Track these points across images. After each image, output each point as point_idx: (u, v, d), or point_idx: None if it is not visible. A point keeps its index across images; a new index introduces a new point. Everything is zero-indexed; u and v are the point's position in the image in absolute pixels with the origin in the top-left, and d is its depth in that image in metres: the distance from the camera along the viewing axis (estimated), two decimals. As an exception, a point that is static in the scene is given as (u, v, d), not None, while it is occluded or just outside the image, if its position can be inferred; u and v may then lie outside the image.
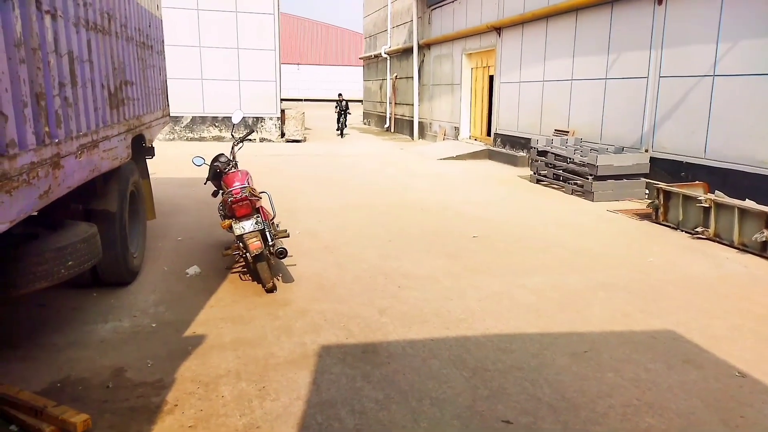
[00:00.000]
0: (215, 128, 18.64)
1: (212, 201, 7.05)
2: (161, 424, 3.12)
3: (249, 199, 5.03)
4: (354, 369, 3.78)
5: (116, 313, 4.63)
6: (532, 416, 3.22)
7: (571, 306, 4.90)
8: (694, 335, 4.32)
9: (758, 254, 6.40)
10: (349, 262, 6.00)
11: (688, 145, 9.11)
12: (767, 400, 3.43)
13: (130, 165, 5.53)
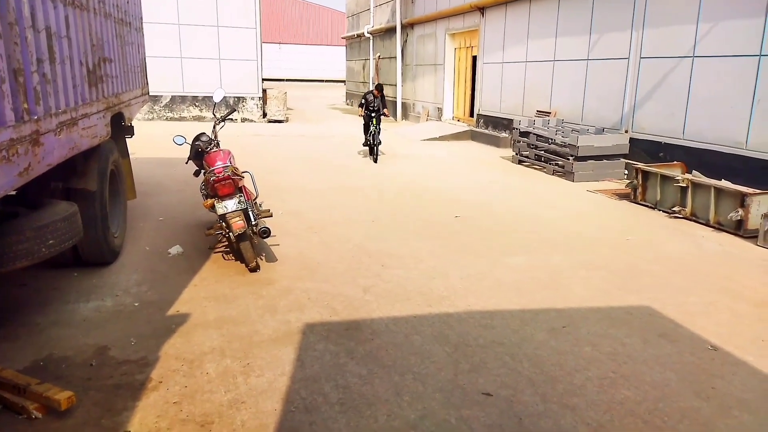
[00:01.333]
0: (195, 108, 18.39)
1: (194, 181, 7.00)
2: (146, 401, 3.14)
3: (232, 178, 5.00)
4: (338, 345, 3.83)
5: (98, 292, 4.61)
6: (511, 389, 3.30)
7: (551, 284, 4.99)
8: (669, 311, 4.44)
9: (733, 233, 6.56)
10: (333, 242, 6.02)
11: (667, 125, 9.24)
12: (737, 372, 3.56)
13: (110, 144, 5.47)
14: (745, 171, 7.76)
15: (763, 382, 3.45)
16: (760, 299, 4.72)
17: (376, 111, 11.41)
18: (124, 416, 3.00)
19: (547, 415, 3.08)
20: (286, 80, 46.34)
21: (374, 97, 11.41)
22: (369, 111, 11.46)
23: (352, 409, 3.12)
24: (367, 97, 11.46)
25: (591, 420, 3.04)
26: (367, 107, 11.49)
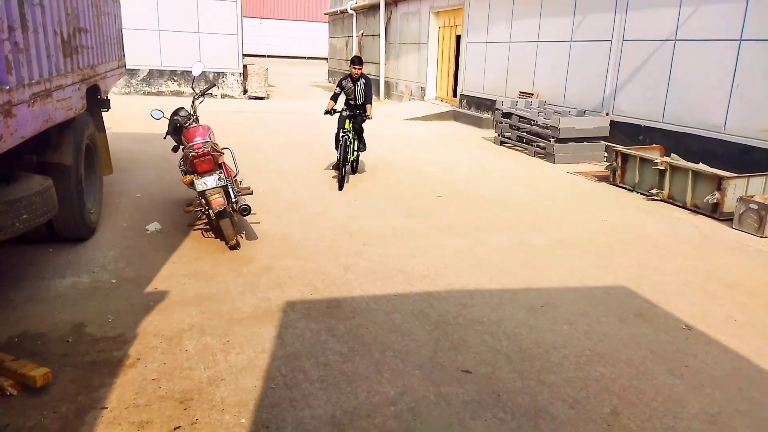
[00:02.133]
0: (174, 82, 18.01)
1: (172, 157, 6.88)
2: (123, 378, 3.11)
3: (211, 154, 4.92)
4: (318, 323, 3.83)
5: (74, 268, 4.53)
6: (490, 366, 3.35)
7: (531, 263, 5.04)
8: (645, 291, 4.52)
9: (709, 215, 6.68)
10: (314, 220, 5.99)
11: (647, 109, 9.31)
12: (710, 351, 3.65)
13: (85, 117, 5.33)
14: (723, 155, 7.88)
15: (734, 361, 3.54)
16: (733, 280, 4.82)
17: (356, 107, 7.61)
18: (101, 393, 2.97)
19: (525, 392, 3.13)
20: (267, 56, 45.58)
21: (353, 82, 7.53)
22: (345, 106, 7.63)
23: (333, 386, 3.13)
24: (343, 84, 7.57)
25: (567, 396, 3.10)
26: (344, 101, 7.70)
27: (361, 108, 7.60)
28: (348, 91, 7.59)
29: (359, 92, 7.57)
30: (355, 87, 7.54)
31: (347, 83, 7.54)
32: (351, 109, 7.58)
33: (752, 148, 7.53)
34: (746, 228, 6.15)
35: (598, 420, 2.91)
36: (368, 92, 7.59)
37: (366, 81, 7.56)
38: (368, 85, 7.58)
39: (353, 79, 7.54)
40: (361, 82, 7.55)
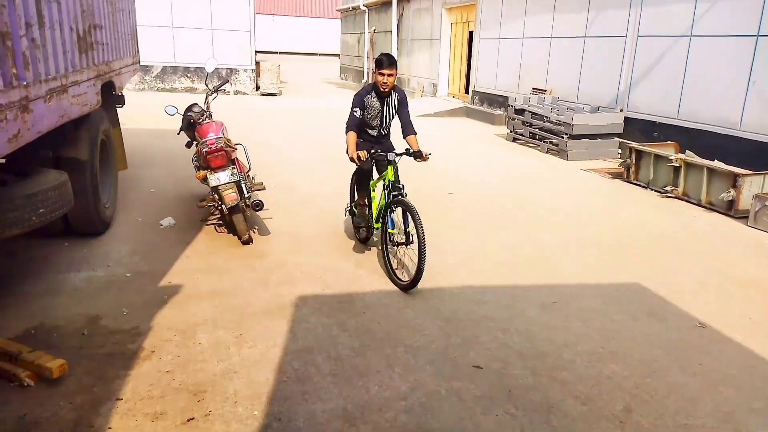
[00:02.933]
0: (187, 79, 18.12)
1: (186, 153, 6.92)
2: (138, 370, 3.15)
3: (224, 150, 4.95)
4: (330, 318, 3.85)
5: (89, 262, 4.59)
6: (502, 362, 3.34)
7: (543, 261, 5.02)
8: (659, 289, 4.49)
9: (724, 213, 6.61)
10: (326, 216, 6.00)
11: (662, 105, 9.22)
12: (724, 349, 3.62)
13: (100, 112, 5.38)
14: (739, 152, 7.78)
15: (748, 359, 3.50)
16: (748, 279, 4.77)
17: (384, 138, 4.87)
18: (116, 384, 3.00)
19: (536, 388, 3.12)
20: (280, 53, 45.69)
21: (380, 99, 4.64)
22: (372, 139, 4.82)
23: (345, 380, 3.15)
24: (366, 102, 4.64)
25: (579, 393, 3.09)
26: (366, 129, 4.79)
27: (385, 139, 4.85)
28: (371, 114, 4.65)
29: (389, 115, 4.70)
30: (384, 107, 4.63)
31: (371, 100, 4.58)
32: (376, 142, 4.76)
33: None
34: (762, 226, 6.07)
35: (610, 417, 2.90)
36: (406, 114, 4.71)
37: (401, 96, 4.68)
38: (404, 103, 4.71)
39: (380, 93, 4.55)
40: (393, 99, 4.64)
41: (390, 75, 4.46)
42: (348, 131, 4.56)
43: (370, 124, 4.75)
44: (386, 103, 4.66)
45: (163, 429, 2.68)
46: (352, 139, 4.52)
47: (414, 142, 4.62)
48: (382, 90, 4.53)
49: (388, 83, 4.49)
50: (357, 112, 4.57)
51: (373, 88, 4.63)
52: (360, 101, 4.61)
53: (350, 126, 4.57)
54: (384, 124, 4.78)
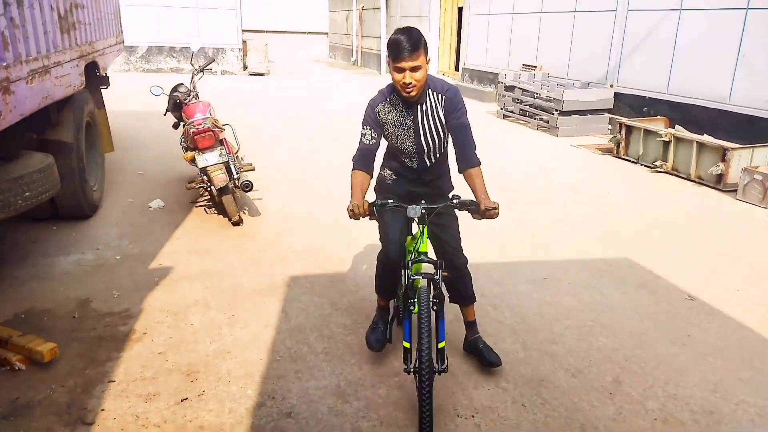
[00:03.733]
0: (173, 59, 17.85)
1: (173, 134, 6.85)
2: (130, 351, 3.15)
3: (212, 130, 4.90)
4: (322, 297, 3.85)
5: (78, 245, 4.55)
6: (493, 338, 3.36)
7: (533, 237, 5.04)
8: (648, 263, 4.52)
9: (713, 187, 6.65)
10: (317, 196, 5.98)
11: (652, 80, 9.20)
12: (713, 321, 3.66)
13: (85, 94, 5.30)
14: (728, 125, 7.80)
15: (737, 330, 3.55)
16: (737, 251, 4.82)
17: (426, 173, 2.92)
18: (108, 367, 3.00)
19: (527, 362, 3.15)
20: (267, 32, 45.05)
21: (406, 108, 2.72)
22: (411, 176, 2.92)
23: (337, 357, 3.16)
24: (380, 117, 2.76)
25: (569, 366, 3.12)
26: (402, 159, 2.89)
27: (435, 176, 2.97)
28: (398, 134, 2.80)
29: (432, 133, 2.78)
30: (419, 120, 2.75)
31: (390, 112, 2.78)
32: (418, 181, 2.95)
33: (758, 119, 7.45)
34: (750, 199, 6.12)
35: (600, 388, 2.94)
36: (461, 130, 2.74)
37: (449, 99, 2.73)
38: (456, 110, 2.73)
39: (405, 101, 2.72)
40: (433, 106, 2.74)
41: (414, 69, 2.51)
42: (354, 168, 2.76)
43: (404, 150, 2.82)
44: (422, 113, 2.72)
45: (157, 410, 2.69)
46: (356, 181, 2.71)
47: (476, 183, 2.67)
48: (406, 96, 2.62)
49: (414, 84, 2.54)
50: (367, 134, 2.74)
51: (391, 93, 2.74)
52: (371, 115, 2.75)
53: (357, 158, 2.76)
54: (428, 149, 2.80)
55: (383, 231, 2.90)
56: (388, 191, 2.94)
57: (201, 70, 6.11)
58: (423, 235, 2.70)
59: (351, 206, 2.59)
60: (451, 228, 2.92)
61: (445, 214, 2.81)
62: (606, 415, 2.73)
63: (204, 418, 2.65)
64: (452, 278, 2.89)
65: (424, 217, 2.63)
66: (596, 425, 2.66)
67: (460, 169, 2.74)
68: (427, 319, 2.46)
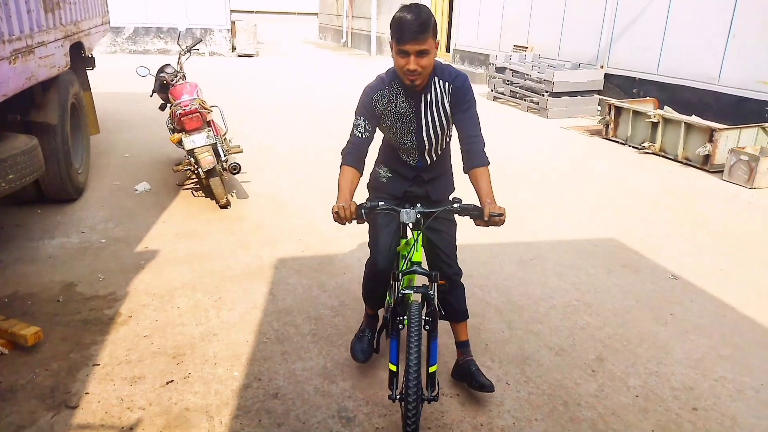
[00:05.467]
0: (160, 40, 17.60)
1: (160, 116, 6.78)
2: (115, 335, 3.14)
3: (199, 111, 4.85)
4: (310, 279, 3.85)
5: (63, 229, 4.52)
6: (479, 317, 3.39)
7: (521, 218, 5.05)
8: (634, 243, 4.55)
9: (700, 167, 6.68)
10: (306, 179, 5.96)
11: (642, 61, 9.18)
12: (695, 299, 3.70)
13: (70, 75, 5.22)
14: (717, 106, 7.81)
15: (719, 309, 3.60)
16: (722, 231, 4.86)
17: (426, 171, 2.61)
18: (93, 350, 3.00)
19: (512, 341, 3.18)
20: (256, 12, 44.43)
21: (407, 97, 2.41)
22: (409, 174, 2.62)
23: (324, 339, 3.17)
24: (376, 107, 2.44)
25: (553, 344, 3.16)
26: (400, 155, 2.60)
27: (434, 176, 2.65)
28: (397, 128, 2.50)
29: (435, 127, 2.47)
30: (422, 112, 2.44)
31: (390, 102, 2.44)
32: (417, 180, 2.65)
33: (746, 100, 7.47)
34: (736, 179, 6.16)
35: (583, 366, 2.97)
36: (468, 123, 2.43)
37: (456, 90, 2.40)
38: (464, 102, 2.42)
39: (408, 89, 2.39)
40: (437, 96, 2.42)
41: (421, 53, 2.21)
42: (343, 163, 2.46)
43: (402, 145, 2.54)
44: (425, 104, 2.42)
45: (142, 392, 2.69)
46: (344, 179, 2.41)
47: (482, 185, 2.38)
48: (409, 84, 2.31)
49: (420, 71, 2.25)
50: (360, 125, 2.45)
51: (392, 80, 2.43)
52: (367, 104, 2.44)
53: (347, 152, 2.47)
54: (429, 146, 2.52)
55: (373, 236, 2.63)
56: (382, 190, 2.66)
57: (188, 50, 6.03)
58: (417, 242, 2.41)
59: (336, 207, 2.24)
60: (448, 235, 2.61)
61: (444, 218, 2.51)
62: (588, 392, 2.77)
63: (190, 400, 2.66)
64: (443, 291, 2.63)
65: (419, 222, 2.32)
66: (579, 402, 2.70)
67: (466, 168, 2.43)
68: (417, 342, 2.13)
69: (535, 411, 2.64)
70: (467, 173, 2.44)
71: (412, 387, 2.09)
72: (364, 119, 2.44)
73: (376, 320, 2.92)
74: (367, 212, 2.29)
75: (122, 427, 2.48)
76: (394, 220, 2.43)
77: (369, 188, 2.77)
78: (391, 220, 2.51)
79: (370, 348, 2.85)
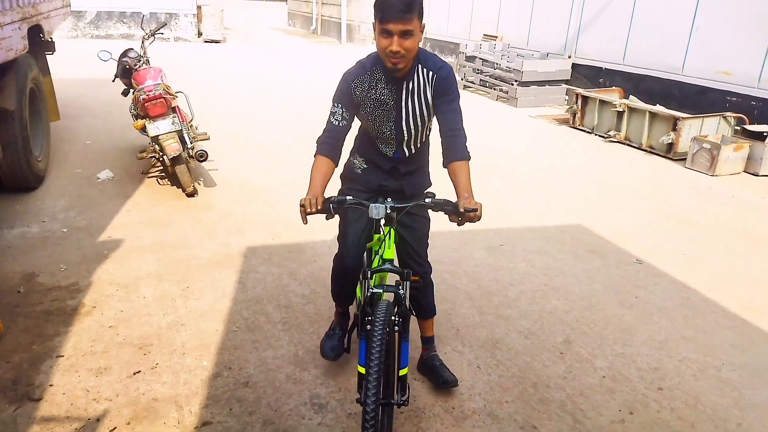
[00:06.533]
0: (123, 25, 17.10)
1: (123, 102, 6.61)
2: (79, 326, 3.06)
3: (164, 97, 4.72)
4: (280, 268, 3.82)
5: (23, 218, 4.37)
6: (450, 303, 3.41)
7: (491, 206, 5.06)
8: (600, 229, 4.64)
9: (663, 155, 6.84)
10: (275, 167, 5.88)
11: (609, 51, 9.32)
12: (659, 283, 3.80)
13: (28, 59, 5.03)
14: (680, 96, 8.00)
15: (682, 291, 3.70)
16: (684, 217, 4.99)
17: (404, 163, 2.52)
18: (56, 342, 2.91)
19: (483, 326, 3.21)
20: (223, -1, 43.50)
21: (388, 84, 2.29)
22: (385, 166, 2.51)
23: (295, 327, 3.15)
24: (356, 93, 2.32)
25: (523, 328, 3.20)
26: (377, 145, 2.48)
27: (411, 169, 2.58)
28: (376, 116, 2.38)
29: (414, 117, 2.38)
30: (402, 101, 2.34)
31: (370, 89, 2.33)
32: (392, 172, 2.54)
33: (709, 90, 7.66)
34: (698, 167, 6.32)
35: (551, 349, 3.02)
36: (450, 116, 2.38)
37: (440, 80, 2.32)
38: (448, 94, 2.35)
39: (389, 76, 2.28)
40: (420, 85, 2.32)
41: (405, 34, 2.10)
42: (317, 152, 2.37)
43: (380, 134, 2.43)
44: (407, 92, 2.32)
45: (108, 383, 2.63)
46: (317, 170, 2.31)
47: (461, 179, 2.30)
48: (392, 67, 2.18)
49: (403, 53, 2.12)
50: (338, 113, 2.34)
51: (373, 66, 2.32)
52: (345, 91, 2.33)
53: (323, 141, 2.37)
54: (408, 136, 2.43)
55: (342, 230, 2.54)
56: (356, 182, 2.55)
57: (152, 34, 5.88)
58: (390, 238, 2.30)
59: (303, 200, 2.16)
60: (420, 231, 2.54)
61: (416, 214, 2.47)
62: (557, 374, 2.82)
63: (158, 391, 2.61)
64: (415, 287, 2.52)
65: (391, 218, 2.22)
66: (547, 383, 2.74)
67: (446, 161, 2.32)
68: (380, 341, 1.94)
69: (505, 393, 2.67)
70: (446, 167, 2.33)
71: (371, 390, 1.88)
72: (341, 106, 2.32)
73: (347, 318, 2.82)
74: (335, 207, 2.19)
75: (88, 418, 2.42)
76: (364, 214, 2.22)
77: (342, 179, 2.64)
78: (361, 214, 2.37)
79: (340, 346, 2.72)
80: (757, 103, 7.03)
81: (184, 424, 2.41)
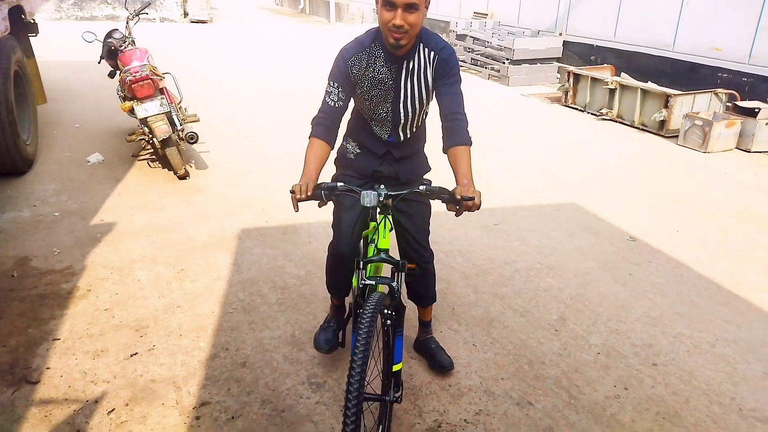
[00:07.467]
0: (108, 6, 16.78)
1: (110, 84, 6.49)
2: (74, 309, 3.04)
3: (151, 78, 4.65)
4: (275, 249, 3.81)
5: (13, 203, 4.32)
6: (445, 282, 3.42)
7: (485, 185, 5.08)
8: (594, 207, 4.66)
9: (656, 133, 6.85)
10: (266, 148, 5.84)
11: (600, 28, 9.27)
12: (652, 260, 3.83)
13: (11, 41, 4.92)
14: (672, 73, 7.99)
15: (675, 268, 3.73)
16: (677, 195, 5.01)
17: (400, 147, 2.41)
18: (52, 325, 2.90)
19: (478, 304, 3.23)
20: (210, -22, 42.72)
21: (392, 62, 2.17)
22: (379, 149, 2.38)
23: (291, 308, 3.15)
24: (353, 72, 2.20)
25: (518, 306, 3.22)
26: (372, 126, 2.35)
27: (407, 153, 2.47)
28: (373, 95, 2.25)
29: (413, 98, 2.27)
30: (401, 81, 2.22)
31: (368, 67, 2.20)
32: (387, 156, 2.42)
33: (700, 66, 7.65)
34: (691, 144, 6.34)
35: (546, 326, 3.05)
36: (451, 98, 2.27)
37: (442, 61, 2.22)
38: (449, 76, 2.24)
39: (389, 54, 2.17)
40: (421, 65, 2.22)
41: (410, 8, 1.97)
42: (311, 134, 2.26)
43: (376, 115, 2.31)
44: (406, 72, 2.21)
45: (106, 365, 2.63)
46: (311, 153, 2.24)
47: (461, 166, 2.24)
48: (393, 43, 2.06)
49: (406, 28, 2.00)
50: (333, 93, 2.22)
51: (372, 42, 2.20)
52: (342, 69, 2.21)
53: (318, 122, 2.26)
54: (405, 119, 2.33)
55: (336, 218, 2.42)
56: (350, 167, 2.42)
57: (137, 14, 5.77)
58: (385, 227, 2.21)
59: (294, 186, 2.06)
60: (420, 219, 2.43)
61: (415, 201, 2.34)
62: (552, 351, 2.84)
63: (156, 372, 2.61)
64: (413, 274, 2.32)
65: (386, 206, 2.13)
66: (543, 360, 2.77)
67: (446, 146, 2.23)
68: (366, 331, 1.81)
69: (501, 370, 2.70)
70: (446, 152, 2.23)
71: (354, 383, 1.74)
72: (337, 86, 2.19)
73: (343, 311, 2.70)
74: (326, 193, 2.08)
75: (86, 400, 2.42)
76: (359, 201, 2.06)
77: (336, 164, 2.52)
78: (355, 200, 2.17)
79: (335, 339, 2.61)
80: (748, 79, 7.04)
81: (182, 404, 2.42)
